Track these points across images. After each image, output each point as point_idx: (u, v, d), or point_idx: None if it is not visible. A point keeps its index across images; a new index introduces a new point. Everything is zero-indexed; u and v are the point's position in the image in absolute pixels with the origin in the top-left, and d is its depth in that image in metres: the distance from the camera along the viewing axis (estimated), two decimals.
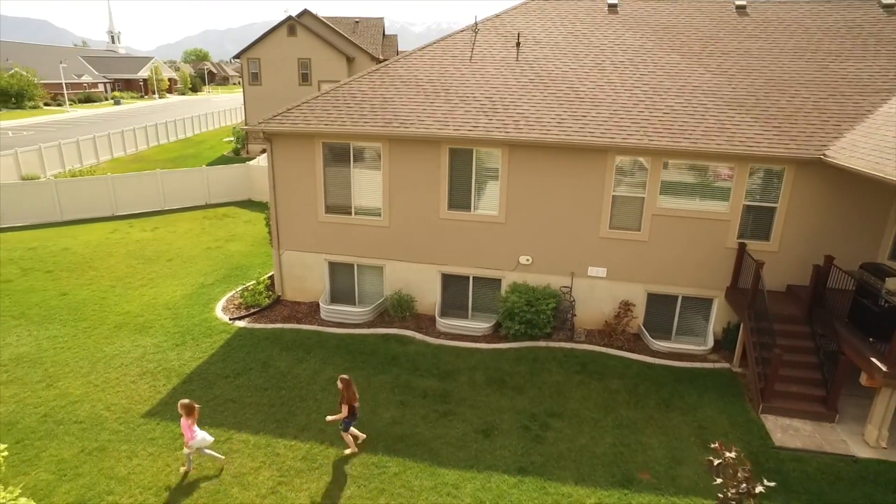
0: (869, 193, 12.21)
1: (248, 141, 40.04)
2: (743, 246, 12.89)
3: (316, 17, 40.32)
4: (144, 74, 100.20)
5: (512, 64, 15.47)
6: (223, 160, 38.33)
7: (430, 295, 15.00)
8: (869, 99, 13.12)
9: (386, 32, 47.62)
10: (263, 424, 10.57)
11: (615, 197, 13.43)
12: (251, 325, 14.44)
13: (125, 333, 13.90)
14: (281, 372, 12.27)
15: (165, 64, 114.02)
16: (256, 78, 38.55)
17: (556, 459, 9.92)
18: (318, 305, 15.20)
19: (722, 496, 6.96)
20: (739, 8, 16.65)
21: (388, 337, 13.94)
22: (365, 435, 10.25)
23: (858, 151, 11.20)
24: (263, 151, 34.06)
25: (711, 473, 7.22)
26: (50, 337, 13.76)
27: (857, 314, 10.87)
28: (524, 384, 12.07)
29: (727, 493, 6.88)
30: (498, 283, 14.65)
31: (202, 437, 9.30)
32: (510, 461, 9.85)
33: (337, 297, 15.59)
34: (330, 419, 9.99)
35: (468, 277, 14.73)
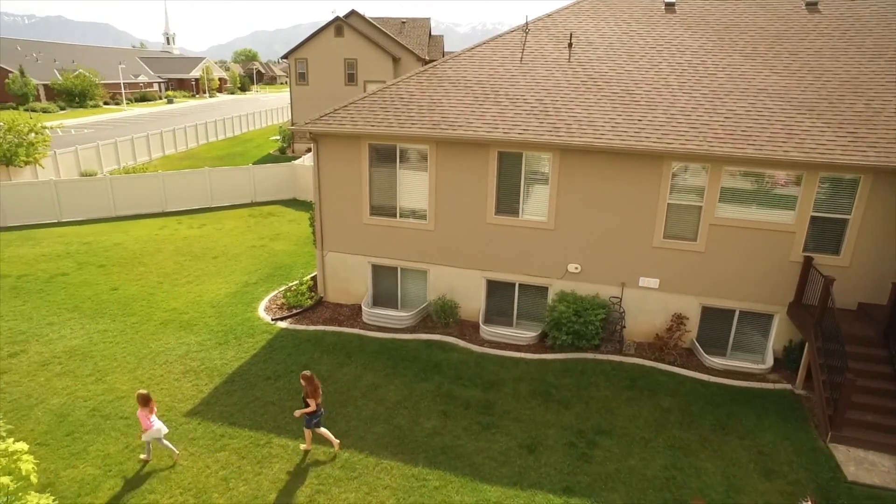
0: None
1: (293, 140, 40.56)
2: (809, 260, 12.07)
3: (363, 17, 40.53)
4: (196, 74, 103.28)
5: (564, 65, 14.99)
6: (269, 159, 38.96)
7: (474, 301, 14.66)
8: None
9: (432, 33, 47.52)
10: (303, 430, 10.42)
11: (670, 205, 12.79)
12: (293, 326, 14.40)
13: (170, 330, 14.06)
14: (321, 376, 12.11)
15: (216, 64, 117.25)
16: (303, 78, 39.00)
17: (603, 480, 9.43)
18: (360, 308, 15.06)
19: None
20: (810, 5, 15.69)
21: (430, 343, 13.66)
22: (339, 441, 9.97)
23: None
24: (308, 150, 34.41)
25: None
26: (100, 331, 14.03)
27: None
28: (571, 398, 11.60)
29: None
30: (544, 291, 14.19)
31: (157, 427, 9.44)
32: (556, 480, 9.42)
33: (379, 300, 15.43)
34: (297, 413, 9.82)
35: (514, 284, 14.33)
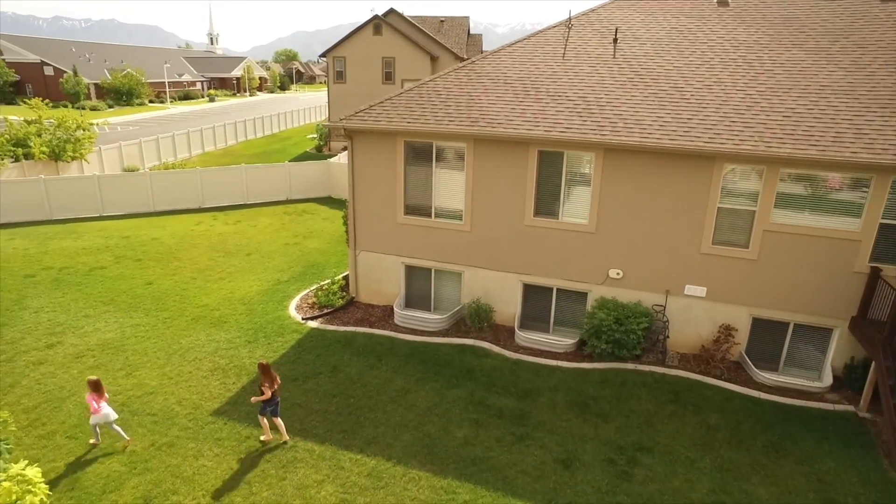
0: None
1: (330, 138, 40.67)
2: (876, 271, 11.14)
3: (401, 15, 40.38)
4: (237, 73, 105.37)
5: (608, 61, 14.33)
6: (306, 157, 39.17)
7: (509, 305, 14.13)
8: None
9: (471, 32, 47.08)
10: (329, 434, 10.10)
11: (721, 209, 12.01)
12: (323, 326, 14.13)
13: (201, 327, 13.97)
14: (350, 378, 11.81)
15: (257, 64, 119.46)
16: (341, 76, 39.06)
17: (645, 502, 8.80)
18: (392, 310, 14.70)
19: None
20: None
21: (463, 348, 13.20)
22: (287, 437, 9.91)
23: None
24: (345, 149, 34.39)
25: None
26: (133, 325, 14.04)
27: None
28: (610, 411, 10.97)
29: None
30: (584, 296, 13.57)
31: (106, 412, 9.50)
32: (593, 499, 8.84)
33: (412, 302, 15.04)
34: (253, 400, 9.96)
35: (551, 289, 13.74)
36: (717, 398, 11.43)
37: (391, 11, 40.50)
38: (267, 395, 9.54)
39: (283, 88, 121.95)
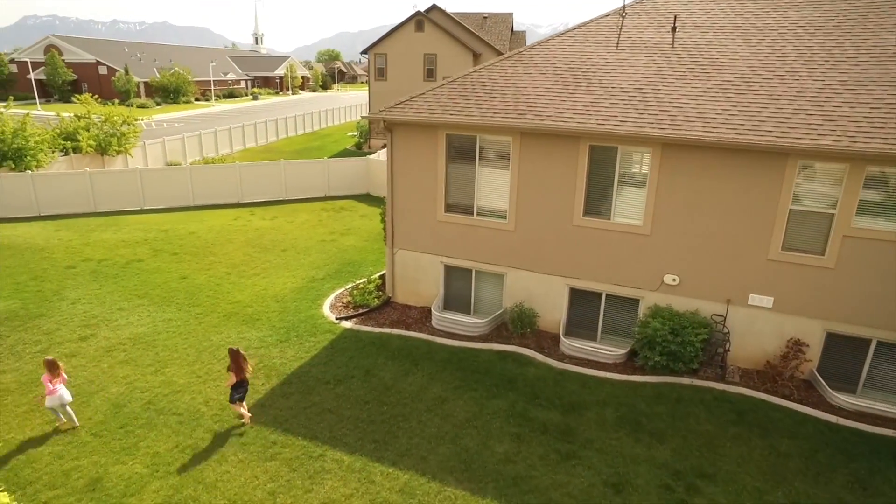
0: None
1: (370, 135, 40.38)
2: None
3: (444, 12, 39.76)
4: (280, 72, 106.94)
5: (666, 51, 13.29)
6: (345, 154, 38.95)
7: (554, 310, 13.25)
8: None
9: (514, 30, 46.13)
10: (360, 444, 9.45)
11: (793, 211, 10.86)
12: (357, 326, 13.53)
13: (233, 324, 13.56)
14: (385, 384, 11.15)
15: (300, 63, 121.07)
16: (382, 73, 38.69)
17: None
18: (429, 311, 14.00)
19: None
20: None
21: (504, 355, 12.39)
22: (250, 415, 10.01)
23: None
24: (385, 146, 33.97)
25: None
26: (165, 320, 13.75)
27: None
28: (665, 430, 9.98)
29: None
30: (635, 303, 12.58)
31: (60, 394, 9.52)
32: None
33: (451, 304, 14.30)
34: (226, 384, 10.09)
35: (600, 294, 12.80)
36: (786, 421, 10.29)
37: (433, 7, 39.94)
38: (231, 380, 9.72)
39: (324, 87, 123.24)
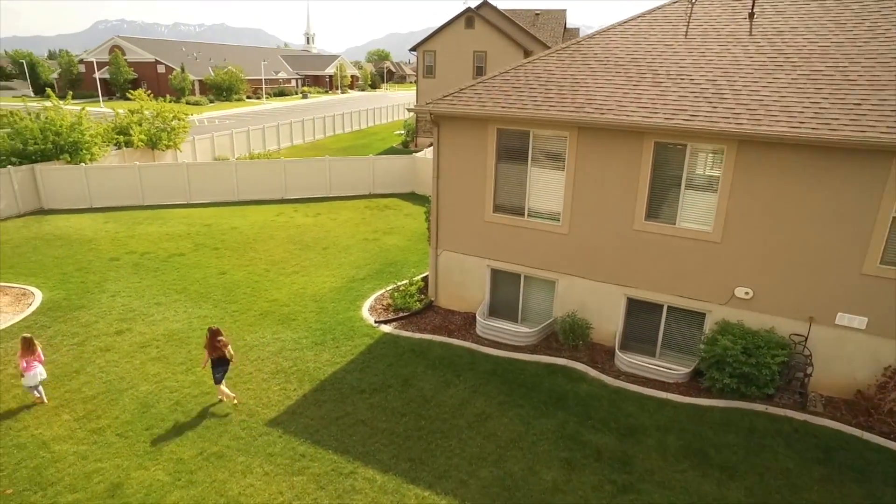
0: None
1: (417, 134, 39.83)
2: None
3: (495, 8, 38.82)
4: (330, 71, 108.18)
5: (743, 39, 12.02)
6: (391, 152, 38.49)
7: (609, 322, 12.17)
8: None
9: (567, 27, 44.77)
10: (395, 461, 8.67)
11: None
12: (397, 331, 12.79)
13: (268, 323, 13.04)
14: (423, 395, 10.34)
15: (350, 63, 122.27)
16: (431, 71, 38.05)
17: None
18: (474, 317, 13.13)
19: None
20: None
21: (554, 368, 11.40)
22: (235, 395, 10.10)
23: None
24: (430, 145, 33.30)
25: None
26: (201, 316, 13.36)
27: None
28: (737, 465, 8.80)
29: None
30: (700, 317, 11.37)
31: (35, 373, 9.64)
32: None
33: (497, 310, 13.39)
34: (202, 364, 10.33)
35: (661, 306, 11.64)
36: (888, 465, 8.88)
37: (484, 3, 39.03)
38: (205, 357, 9.88)
39: (373, 87, 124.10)
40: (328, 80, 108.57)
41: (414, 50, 38.84)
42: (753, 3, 12.56)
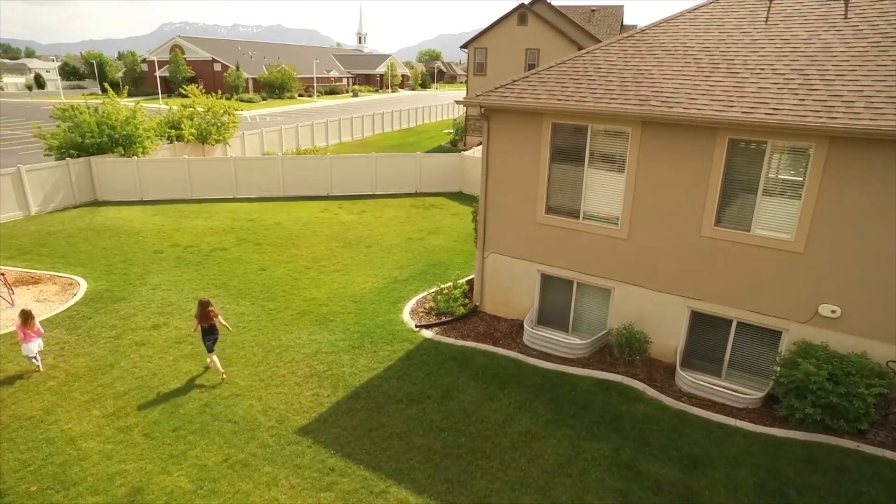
0: None
1: (466, 133, 39.10)
2: None
3: (549, 4, 37.66)
4: (381, 70, 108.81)
5: (837, 23, 10.71)
6: (440, 150, 37.87)
7: (669, 336, 11.08)
8: None
9: (624, 23, 43.11)
10: (430, 482, 7.91)
11: None
12: (439, 337, 12.04)
13: (305, 323, 12.52)
14: (464, 409, 9.55)
15: (401, 62, 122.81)
16: (481, 68, 37.24)
17: None
18: (520, 326, 12.25)
19: None
20: None
21: (607, 385, 10.40)
22: (224, 372, 10.37)
23: None
24: (479, 144, 32.48)
25: None
26: (238, 314, 12.98)
27: None
28: None
29: None
30: (776, 336, 10.15)
31: (33, 344, 10.24)
32: None
33: (546, 319, 12.46)
34: (194, 328, 10.73)
35: (730, 322, 10.48)
36: None
37: (538, 0, 37.94)
38: (194, 325, 10.44)
39: (423, 86, 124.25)
40: (379, 79, 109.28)
41: (465, 47, 38.13)
42: None
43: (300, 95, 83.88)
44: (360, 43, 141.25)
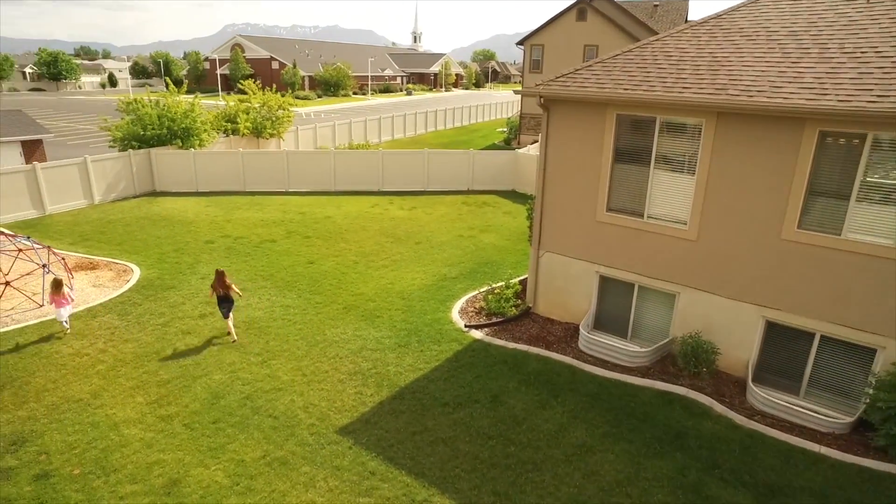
0: None
1: (520, 131, 38.31)
2: None
3: None
4: (435, 69, 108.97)
5: None
6: (493, 148, 37.24)
7: (740, 347, 10.11)
8: None
9: (688, 18, 41.25)
10: (476, 493, 7.34)
11: None
12: (489, 338, 11.45)
13: (351, 318, 12.17)
14: (514, 416, 8.93)
15: (455, 62, 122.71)
16: (537, 66, 36.34)
17: None
18: (576, 329, 11.52)
19: None
20: None
21: (670, 398, 9.56)
22: (235, 337, 11.20)
23: None
24: (535, 142, 31.69)
25: None
26: (284, 306, 12.77)
27: None
28: None
29: None
30: (869, 354, 9.06)
31: (63, 310, 11.18)
32: None
33: (603, 323, 11.67)
34: (209, 296, 11.69)
35: (812, 335, 9.44)
36: None
37: None
38: (209, 294, 11.36)
39: (477, 86, 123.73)
40: (433, 78, 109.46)
41: (521, 44, 37.32)
42: None
43: (354, 93, 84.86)
44: (414, 42, 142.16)
